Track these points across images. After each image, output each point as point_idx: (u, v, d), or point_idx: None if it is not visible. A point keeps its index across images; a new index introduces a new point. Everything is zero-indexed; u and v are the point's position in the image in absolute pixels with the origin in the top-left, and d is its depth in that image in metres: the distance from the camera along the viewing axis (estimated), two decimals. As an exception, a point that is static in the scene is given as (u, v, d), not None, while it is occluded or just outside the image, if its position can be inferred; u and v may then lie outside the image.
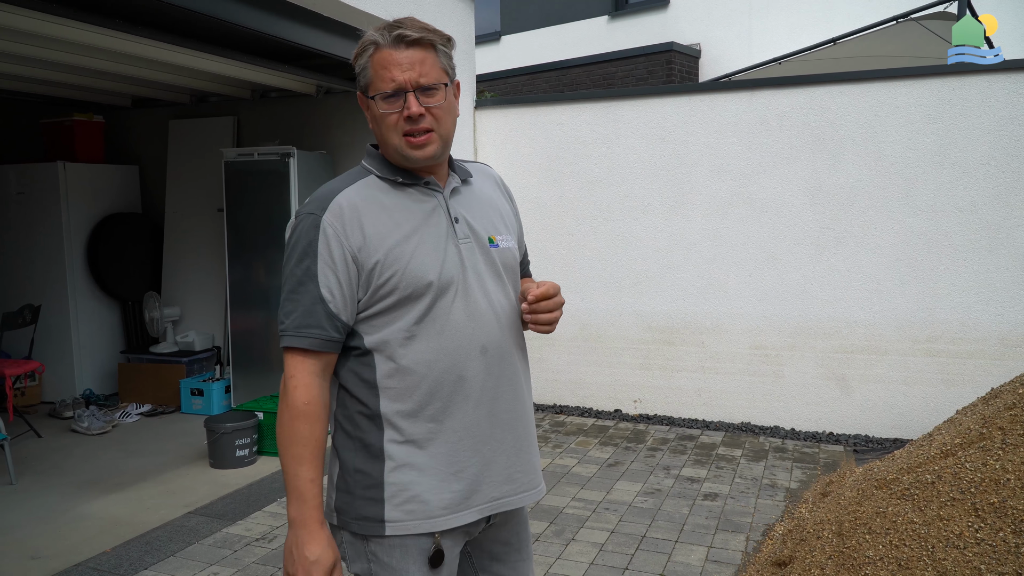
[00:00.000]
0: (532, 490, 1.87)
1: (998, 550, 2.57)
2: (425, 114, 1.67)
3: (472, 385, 1.73)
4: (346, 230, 1.66)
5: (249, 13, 4.60)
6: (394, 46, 1.66)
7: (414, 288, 1.68)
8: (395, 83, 1.65)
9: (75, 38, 4.73)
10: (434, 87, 1.68)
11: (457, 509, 1.73)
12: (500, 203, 1.92)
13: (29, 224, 7.02)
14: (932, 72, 5.47)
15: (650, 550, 3.92)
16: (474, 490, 1.75)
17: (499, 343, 1.77)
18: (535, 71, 12.27)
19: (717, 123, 6.03)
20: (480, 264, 1.77)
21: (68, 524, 4.35)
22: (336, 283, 1.66)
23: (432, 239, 1.71)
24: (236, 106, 7.26)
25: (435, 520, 1.71)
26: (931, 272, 5.52)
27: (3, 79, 6.25)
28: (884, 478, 3.44)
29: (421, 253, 1.69)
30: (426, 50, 1.68)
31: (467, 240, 1.76)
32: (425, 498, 1.71)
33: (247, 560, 3.88)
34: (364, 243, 1.66)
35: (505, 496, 1.80)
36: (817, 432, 5.82)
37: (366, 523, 1.72)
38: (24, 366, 6.14)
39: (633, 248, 6.33)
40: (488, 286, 1.77)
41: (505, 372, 1.79)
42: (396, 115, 1.67)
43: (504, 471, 1.79)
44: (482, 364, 1.74)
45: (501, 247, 1.82)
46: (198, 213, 7.26)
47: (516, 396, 1.82)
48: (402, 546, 1.72)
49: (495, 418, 1.77)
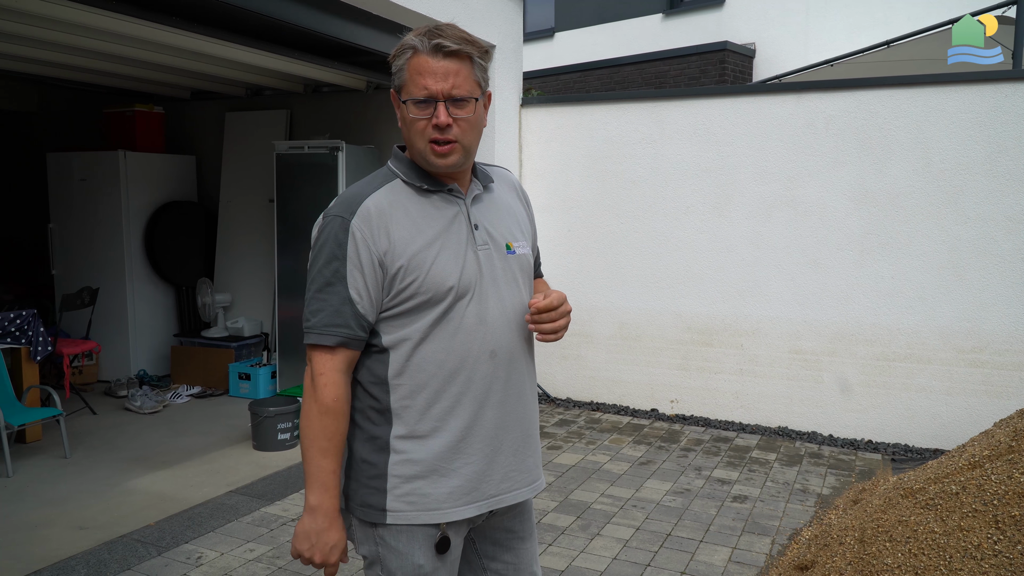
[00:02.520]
0: (529, 486, 1.94)
1: (1014, 563, 2.57)
2: (452, 125, 1.73)
3: (479, 387, 1.80)
4: (374, 235, 1.73)
5: (302, 11, 4.75)
6: (432, 54, 1.70)
7: (435, 292, 1.75)
8: (428, 91, 1.71)
9: (138, 34, 4.94)
10: (465, 100, 1.73)
11: (456, 504, 1.81)
12: (517, 209, 1.99)
13: (90, 210, 7.30)
14: (983, 78, 5.37)
15: (674, 548, 3.96)
16: (474, 487, 1.82)
17: (508, 348, 1.84)
18: (587, 68, 12.26)
19: (763, 125, 6.00)
20: (497, 270, 1.84)
21: (116, 497, 4.55)
22: (364, 285, 1.73)
23: (453, 246, 1.78)
24: (289, 100, 7.45)
25: (433, 513, 1.79)
26: (978, 281, 5.43)
27: (69, 70, 6.53)
28: (911, 487, 3.44)
29: (442, 259, 1.76)
30: (462, 62, 1.72)
31: (486, 247, 1.83)
32: (425, 491, 1.79)
33: (282, 539, 4.03)
34: (390, 247, 1.73)
35: (502, 493, 1.88)
36: (855, 439, 5.78)
37: (370, 511, 1.81)
38: (81, 345, 6.42)
39: (674, 248, 6.34)
40: (503, 292, 1.84)
41: (512, 376, 1.86)
42: (425, 122, 1.73)
43: (503, 470, 1.87)
44: (490, 367, 1.81)
45: (517, 253, 1.90)
46: (250, 203, 7.47)
47: (520, 399, 1.88)
48: (408, 532, 1.80)
49: (499, 420, 1.84)
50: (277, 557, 3.83)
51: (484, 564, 2.01)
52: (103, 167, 7.22)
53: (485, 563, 2.01)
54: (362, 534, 1.86)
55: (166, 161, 7.65)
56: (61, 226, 7.46)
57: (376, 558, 1.84)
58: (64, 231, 7.45)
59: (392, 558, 1.81)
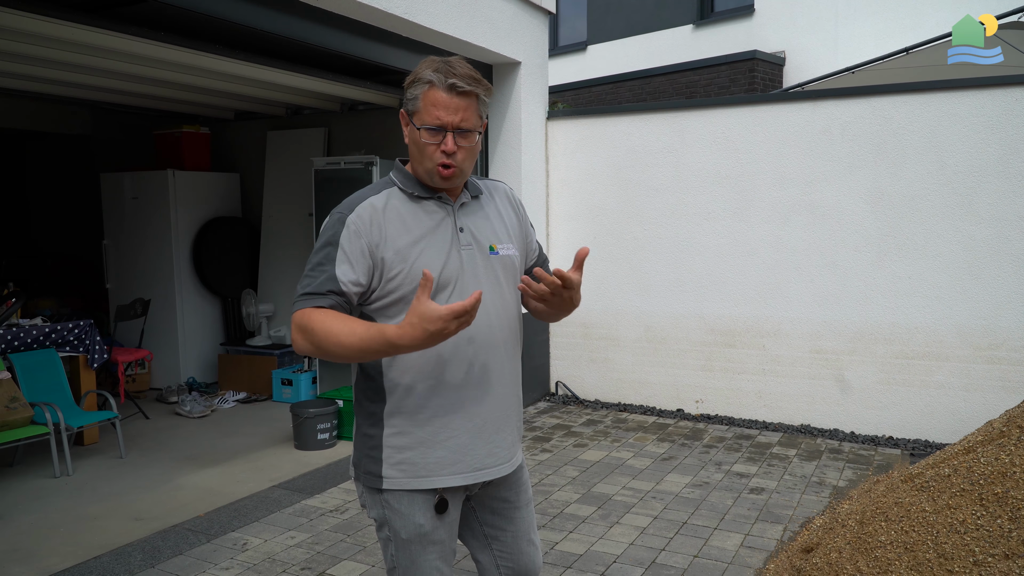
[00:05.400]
0: (508, 462, 2.18)
1: (993, 535, 2.74)
2: (458, 152, 2.01)
3: (459, 369, 2.06)
4: (367, 228, 2.00)
5: (338, 36, 5.08)
6: (448, 92, 1.97)
7: (418, 283, 1.98)
8: (440, 122, 1.98)
9: (186, 61, 5.34)
10: (471, 131, 2.02)
11: (442, 473, 2.07)
12: (507, 216, 2.24)
13: (141, 226, 7.73)
14: (995, 82, 5.51)
15: (689, 535, 4.16)
16: (459, 459, 2.08)
17: (486, 336, 2.08)
18: (619, 80, 12.49)
19: (780, 133, 6.19)
20: (479, 268, 2.10)
21: (168, 492, 4.89)
22: (349, 267, 1.97)
23: (438, 244, 2.05)
24: (327, 118, 7.81)
25: (423, 480, 2.06)
26: (993, 280, 5.55)
27: (120, 95, 6.97)
28: (911, 472, 3.61)
29: (427, 255, 2.02)
30: (471, 100, 2.00)
31: (469, 247, 2.09)
32: (415, 460, 2.06)
33: (321, 528, 4.32)
34: (381, 240, 2.00)
35: (487, 467, 2.12)
36: (876, 436, 5.91)
37: (371, 477, 2.09)
38: (135, 354, 6.81)
39: (696, 253, 6.54)
40: (483, 286, 2.09)
41: (491, 361, 2.10)
42: (435, 147, 2.01)
43: (486, 446, 2.12)
44: (469, 352, 2.06)
45: (501, 254, 2.15)
46: (291, 217, 7.84)
47: (500, 381, 2.13)
48: (408, 496, 2.07)
49: (480, 399, 2.09)
50: (316, 543, 4.11)
51: (485, 531, 2.27)
52: (153, 186, 7.64)
53: (486, 530, 2.27)
54: (370, 500, 2.13)
55: (212, 179, 8.05)
56: (114, 242, 7.91)
57: (384, 520, 2.11)
58: (117, 247, 7.89)
59: (396, 519, 2.08)
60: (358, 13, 4.93)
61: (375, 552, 4.01)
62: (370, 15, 4.99)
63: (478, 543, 2.27)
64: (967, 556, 2.74)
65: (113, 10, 4.45)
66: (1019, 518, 2.74)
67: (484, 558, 2.27)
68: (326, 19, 4.93)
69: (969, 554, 2.74)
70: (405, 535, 2.06)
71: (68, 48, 5.07)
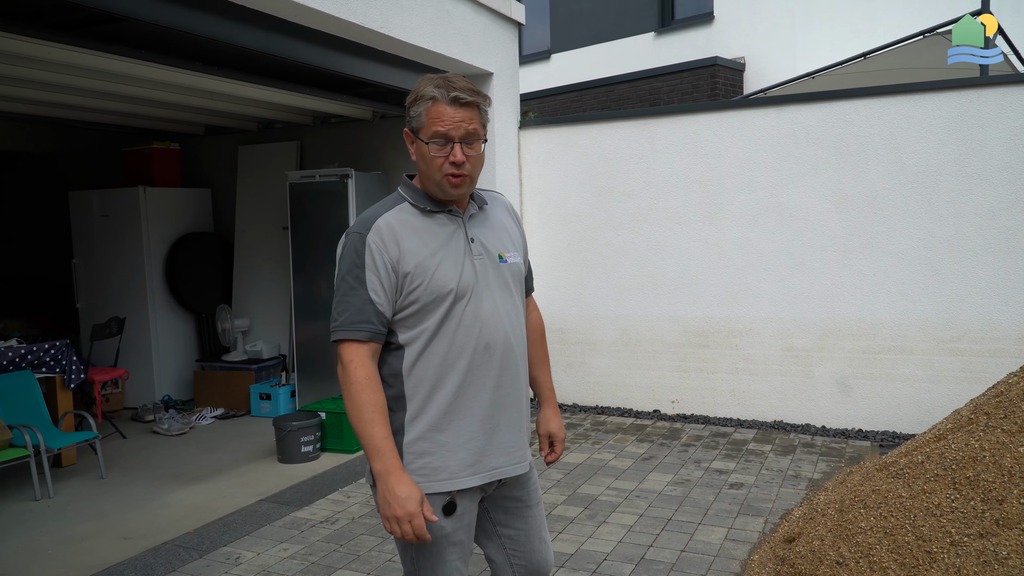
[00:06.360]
0: (522, 462, 2.29)
1: (968, 516, 2.89)
2: (466, 161, 2.11)
3: (477, 374, 2.15)
4: (386, 245, 2.09)
5: (313, 50, 5.14)
6: (451, 104, 2.08)
7: (437, 294, 2.10)
8: (446, 135, 2.08)
9: (156, 76, 5.35)
10: (476, 140, 2.12)
11: (463, 475, 2.16)
12: (510, 226, 2.36)
13: (112, 244, 7.69)
14: (951, 85, 5.73)
15: (674, 531, 4.28)
16: (477, 459, 2.17)
17: (502, 341, 2.19)
18: (583, 88, 12.66)
19: (747, 137, 6.37)
20: (491, 276, 2.20)
21: (154, 510, 4.89)
22: (380, 287, 2.08)
23: (452, 255, 2.14)
24: (299, 131, 7.85)
25: (444, 483, 2.14)
26: (953, 275, 5.76)
27: (90, 112, 6.93)
28: (886, 461, 3.77)
29: (444, 266, 2.12)
30: (472, 110, 2.11)
31: (481, 256, 2.19)
32: (436, 464, 2.14)
33: (313, 539, 4.36)
34: (400, 256, 2.09)
35: (502, 466, 2.23)
36: (847, 429, 6.09)
37: None
38: (112, 373, 6.78)
39: (669, 257, 6.69)
40: (496, 294, 2.20)
41: (506, 365, 2.21)
42: (443, 159, 2.10)
43: (502, 445, 2.22)
44: (486, 357, 2.16)
45: (509, 262, 2.26)
46: (265, 231, 7.86)
47: (514, 384, 2.24)
48: (429, 500, 2.14)
49: (496, 402, 2.19)
50: (310, 554, 4.16)
51: (499, 531, 2.35)
52: (124, 203, 7.60)
53: (499, 530, 2.35)
54: None
55: (183, 195, 8.04)
56: (84, 261, 7.85)
57: None
58: (87, 265, 7.84)
59: None
60: (336, 28, 5.00)
61: (369, 560, 4.06)
62: (347, 30, 5.06)
63: (492, 543, 2.36)
64: (944, 537, 2.89)
65: (92, 29, 4.47)
66: (991, 499, 2.89)
67: (498, 557, 2.35)
68: (305, 35, 4.99)
69: (946, 535, 2.89)
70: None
71: (35, 66, 5.03)
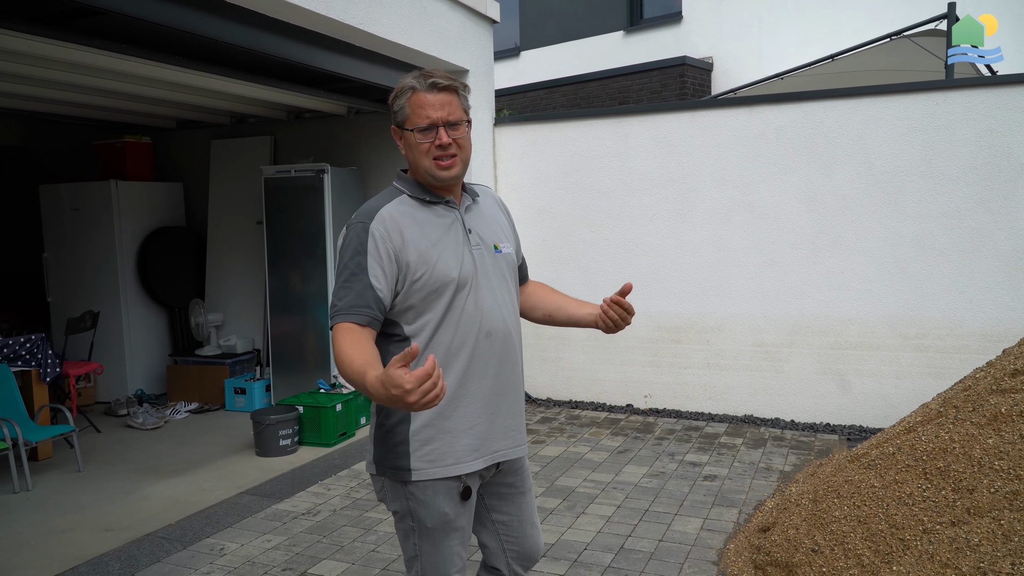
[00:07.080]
0: (521, 445, 2.37)
1: (939, 505, 3.02)
2: (452, 143, 2.17)
3: (480, 362, 2.22)
4: (389, 234, 2.14)
5: (292, 46, 5.14)
6: (429, 91, 2.16)
7: (440, 283, 2.16)
8: (429, 120, 2.15)
9: (128, 69, 5.32)
10: (459, 123, 2.19)
11: (468, 459, 2.22)
12: (500, 218, 2.44)
13: (84, 238, 7.61)
14: (918, 88, 5.90)
15: (652, 521, 4.39)
16: (481, 443, 2.24)
17: (501, 329, 2.26)
18: (553, 85, 12.74)
19: (719, 137, 6.49)
20: (488, 266, 2.27)
21: (134, 503, 4.89)
22: (382, 274, 2.12)
23: (452, 246, 2.21)
24: (273, 126, 7.83)
25: (450, 467, 2.20)
26: (919, 273, 5.94)
27: (59, 105, 6.86)
28: (857, 453, 3.90)
29: (445, 257, 2.18)
30: (452, 94, 2.19)
31: (478, 247, 2.26)
32: (442, 450, 2.20)
33: (295, 530, 4.40)
34: (403, 245, 2.14)
35: (504, 449, 2.30)
36: (815, 423, 6.25)
37: (398, 471, 2.21)
38: (85, 367, 6.73)
39: (643, 253, 6.80)
40: (493, 284, 2.27)
41: (506, 352, 2.28)
42: (429, 144, 2.17)
43: (503, 429, 2.29)
44: (487, 345, 2.23)
45: (503, 252, 2.34)
46: (238, 226, 7.83)
47: (513, 371, 2.31)
48: (432, 486, 2.21)
49: (498, 387, 2.26)
50: (293, 545, 4.20)
51: (492, 516, 2.42)
52: (95, 197, 7.53)
53: (493, 515, 2.42)
54: (393, 492, 2.25)
55: (155, 189, 7.98)
56: (55, 255, 7.77)
57: (407, 511, 2.23)
58: (59, 260, 7.75)
59: (421, 509, 2.21)
60: (317, 24, 5.02)
61: (353, 551, 4.11)
62: (327, 26, 5.08)
63: (485, 529, 2.43)
64: (916, 525, 3.01)
65: (69, 22, 4.44)
66: (961, 489, 3.02)
67: (491, 542, 2.43)
68: (285, 31, 5.00)
69: (918, 523, 3.01)
70: (430, 524, 2.20)
71: (9, 59, 4.98)
